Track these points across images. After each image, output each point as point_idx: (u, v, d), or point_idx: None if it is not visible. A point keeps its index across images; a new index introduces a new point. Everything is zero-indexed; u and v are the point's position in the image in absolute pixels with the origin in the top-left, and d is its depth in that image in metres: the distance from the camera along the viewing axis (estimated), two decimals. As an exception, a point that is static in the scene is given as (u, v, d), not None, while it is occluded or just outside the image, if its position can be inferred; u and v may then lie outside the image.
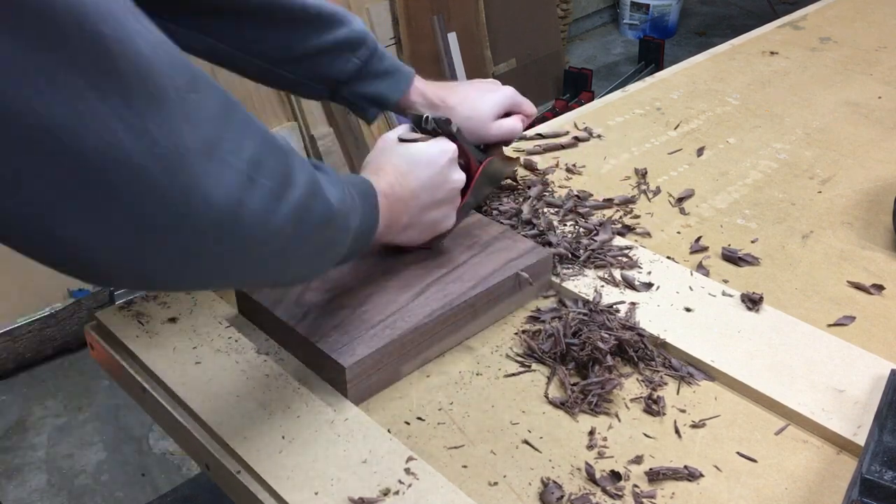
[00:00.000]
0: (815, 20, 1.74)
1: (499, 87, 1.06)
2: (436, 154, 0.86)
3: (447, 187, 0.87)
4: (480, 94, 1.04)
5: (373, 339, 0.82)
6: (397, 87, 1.01)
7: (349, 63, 0.97)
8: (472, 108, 1.02)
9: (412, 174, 0.84)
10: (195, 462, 0.86)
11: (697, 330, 0.90)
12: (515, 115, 1.06)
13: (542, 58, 3.55)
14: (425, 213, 0.87)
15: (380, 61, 0.99)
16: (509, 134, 1.05)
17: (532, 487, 0.74)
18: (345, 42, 0.96)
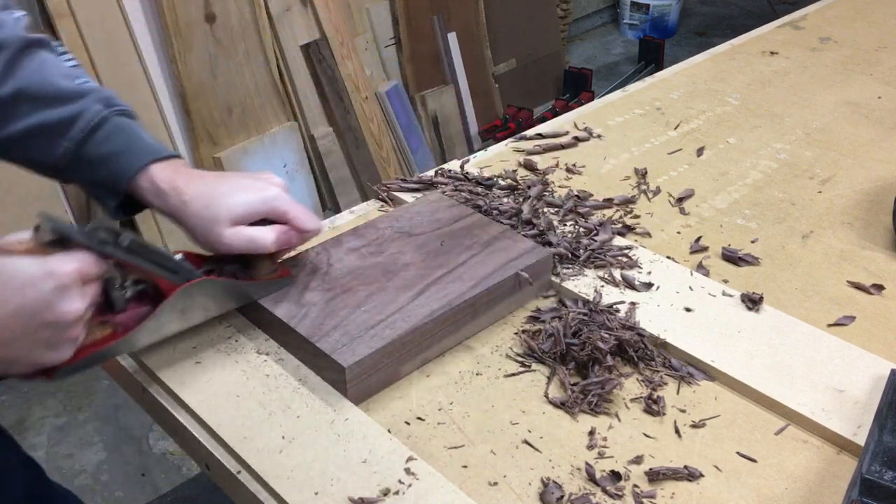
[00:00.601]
0: (815, 20, 1.74)
1: (258, 186, 0.86)
2: (36, 276, 0.68)
3: (48, 319, 0.69)
4: (227, 191, 0.84)
5: (373, 339, 0.82)
6: (120, 172, 0.85)
7: (60, 147, 0.85)
8: (205, 206, 0.83)
9: (4, 295, 0.67)
10: (195, 462, 0.86)
11: (697, 330, 0.90)
12: (275, 225, 0.85)
13: (542, 58, 3.55)
14: (13, 348, 0.69)
15: (102, 144, 0.85)
16: (247, 246, 0.83)
17: (532, 487, 0.74)
18: (44, 127, 0.84)
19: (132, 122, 0.88)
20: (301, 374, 0.84)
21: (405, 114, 2.99)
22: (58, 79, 0.86)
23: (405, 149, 2.97)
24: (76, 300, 0.70)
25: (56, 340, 0.71)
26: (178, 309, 0.82)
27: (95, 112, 0.85)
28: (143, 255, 0.78)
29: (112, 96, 0.88)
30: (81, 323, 0.73)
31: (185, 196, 0.84)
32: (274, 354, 0.87)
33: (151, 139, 0.88)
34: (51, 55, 0.88)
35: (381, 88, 2.91)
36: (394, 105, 2.94)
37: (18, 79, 0.84)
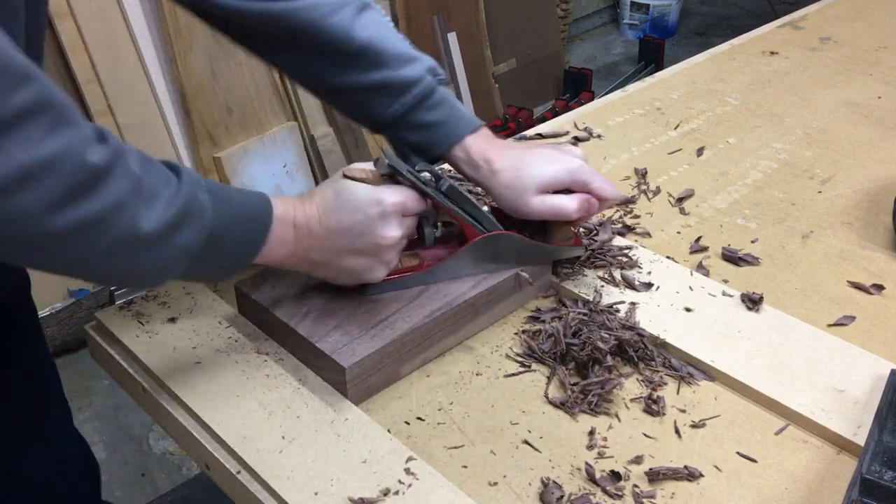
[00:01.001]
0: (815, 20, 1.74)
1: (564, 159, 0.91)
2: (367, 202, 0.80)
3: (370, 239, 0.80)
4: (534, 162, 0.90)
5: (373, 340, 0.82)
6: (438, 142, 0.93)
7: (389, 107, 0.92)
8: (514, 178, 0.89)
9: (334, 214, 0.80)
10: (195, 462, 0.86)
11: (697, 330, 0.90)
12: (578, 193, 0.90)
13: (542, 58, 3.55)
14: (342, 258, 0.82)
15: (427, 111, 0.93)
16: (551, 213, 0.89)
17: (532, 487, 0.74)
18: (383, 85, 0.91)
19: (449, 91, 0.96)
20: (301, 375, 0.84)
21: (405, 114, 2.99)
22: (395, 40, 0.93)
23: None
24: (394, 228, 0.81)
25: (375, 261, 0.82)
26: (474, 255, 0.90)
27: (428, 82, 0.92)
28: (457, 201, 0.87)
29: (435, 65, 0.95)
30: (396, 250, 0.84)
31: (495, 166, 0.91)
32: (274, 354, 0.87)
33: (466, 110, 0.96)
34: (380, 16, 0.95)
35: (381, 88, 2.91)
36: (394, 105, 2.93)
37: (363, 36, 0.91)
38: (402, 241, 0.84)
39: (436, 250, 0.91)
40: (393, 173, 0.82)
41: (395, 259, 0.85)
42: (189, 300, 0.94)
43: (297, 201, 0.80)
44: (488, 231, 0.89)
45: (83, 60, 2.24)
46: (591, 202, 0.90)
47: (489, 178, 0.91)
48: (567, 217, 0.89)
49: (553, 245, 0.93)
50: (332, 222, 0.80)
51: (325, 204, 0.80)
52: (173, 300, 0.94)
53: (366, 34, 0.90)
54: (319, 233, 0.80)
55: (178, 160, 2.43)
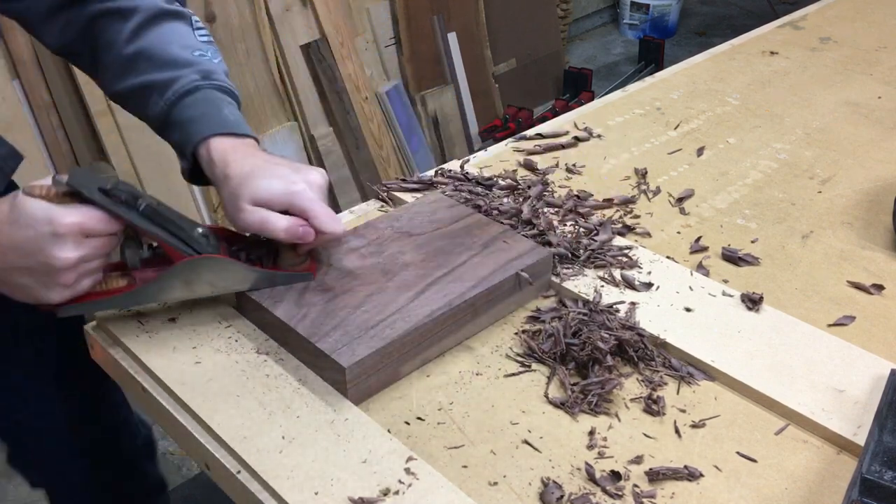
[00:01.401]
0: (815, 20, 1.74)
1: (291, 179, 0.86)
2: (38, 220, 0.75)
3: (40, 258, 0.76)
4: (263, 175, 0.86)
5: (373, 340, 0.82)
6: (186, 139, 0.90)
7: (157, 106, 0.92)
8: (237, 186, 0.85)
9: (6, 228, 0.76)
10: (195, 462, 0.86)
11: (697, 330, 0.90)
12: (292, 216, 0.85)
13: (542, 58, 3.55)
14: (12, 275, 0.79)
15: (187, 108, 0.91)
16: (258, 226, 0.84)
17: (532, 487, 0.74)
18: (151, 84, 0.92)
19: (223, 97, 0.93)
20: (301, 375, 0.84)
21: (405, 114, 2.99)
22: (175, 47, 0.93)
23: (405, 149, 2.97)
24: (69, 249, 0.77)
25: (48, 281, 0.78)
26: (181, 279, 0.85)
27: (191, 80, 0.91)
28: (158, 223, 0.82)
29: (215, 72, 0.94)
30: (75, 272, 0.79)
31: (229, 171, 0.87)
32: (274, 354, 0.87)
33: (233, 116, 0.92)
34: (182, 26, 0.96)
35: (381, 88, 2.91)
36: (394, 105, 2.94)
37: (142, 42, 0.92)
38: (87, 264, 0.80)
39: (149, 272, 0.86)
40: (74, 192, 0.77)
41: (83, 280, 0.81)
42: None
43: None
44: (195, 253, 0.84)
45: (83, 60, 2.24)
46: (305, 229, 0.84)
47: (221, 183, 0.88)
48: (273, 235, 0.84)
49: (277, 269, 0.88)
50: (2, 238, 0.77)
51: (1, 216, 0.77)
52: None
53: (144, 42, 0.93)
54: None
55: (178, 160, 2.43)
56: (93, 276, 0.82)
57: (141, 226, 0.81)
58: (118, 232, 0.81)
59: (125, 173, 2.34)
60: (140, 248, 0.85)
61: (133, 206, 0.80)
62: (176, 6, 0.97)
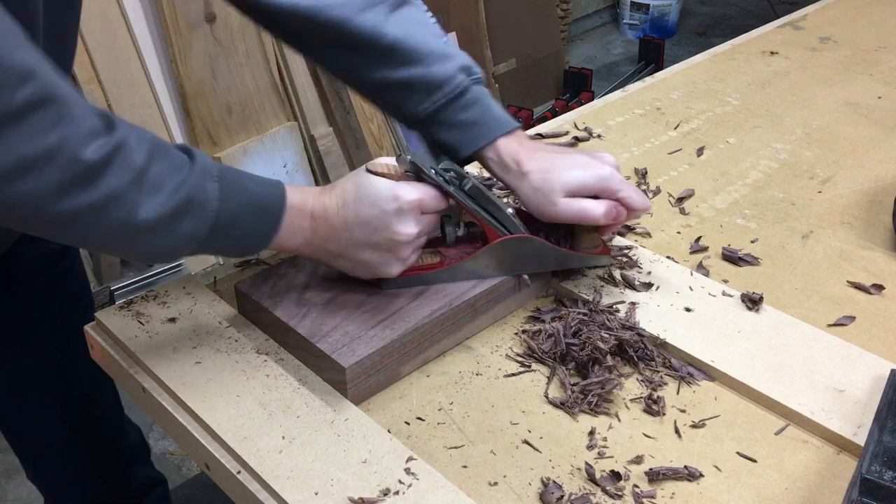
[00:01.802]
0: (815, 20, 1.74)
1: (595, 165, 0.90)
2: (385, 197, 0.80)
3: (385, 234, 0.81)
4: (564, 165, 0.89)
5: (373, 340, 0.82)
6: (469, 142, 0.93)
7: (420, 105, 0.93)
8: (543, 180, 0.89)
9: (353, 206, 0.81)
10: (195, 462, 0.86)
11: (697, 330, 0.90)
12: (606, 200, 0.89)
13: (542, 58, 3.55)
14: (357, 251, 0.82)
15: (460, 111, 0.93)
16: (577, 216, 0.88)
17: (532, 487, 0.74)
18: (414, 82, 0.92)
19: (485, 90, 0.95)
20: (301, 375, 0.84)
21: (405, 114, 2.99)
22: (428, 37, 0.93)
23: (405, 149, 2.97)
24: (410, 225, 0.81)
25: (388, 254, 0.83)
26: (495, 257, 0.90)
27: (460, 81, 0.92)
28: (479, 202, 0.87)
29: (471, 63, 0.95)
30: (412, 247, 0.84)
31: (525, 168, 0.90)
32: (274, 354, 0.87)
33: (500, 111, 0.95)
34: (418, 12, 0.96)
35: (381, 88, 2.91)
36: (394, 105, 2.93)
37: (394, 33, 0.92)
38: (420, 239, 0.84)
39: (458, 249, 0.91)
40: (415, 170, 0.82)
41: (412, 256, 0.85)
42: (189, 300, 0.94)
43: (317, 191, 0.82)
44: (511, 233, 0.89)
45: (83, 60, 2.24)
46: (619, 210, 0.89)
47: (518, 179, 0.91)
48: (593, 222, 0.89)
49: (578, 252, 0.93)
50: (350, 214, 0.81)
51: (344, 196, 0.81)
52: (173, 300, 0.94)
53: (397, 31, 0.91)
54: (337, 224, 0.81)
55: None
56: (419, 251, 0.86)
57: (467, 204, 0.86)
58: (443, 209, 0.85)
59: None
60: (458, 226, 0.90)
61: (459, 186, 0.85)
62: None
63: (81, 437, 1.22)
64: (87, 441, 1.23)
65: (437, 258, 0.90)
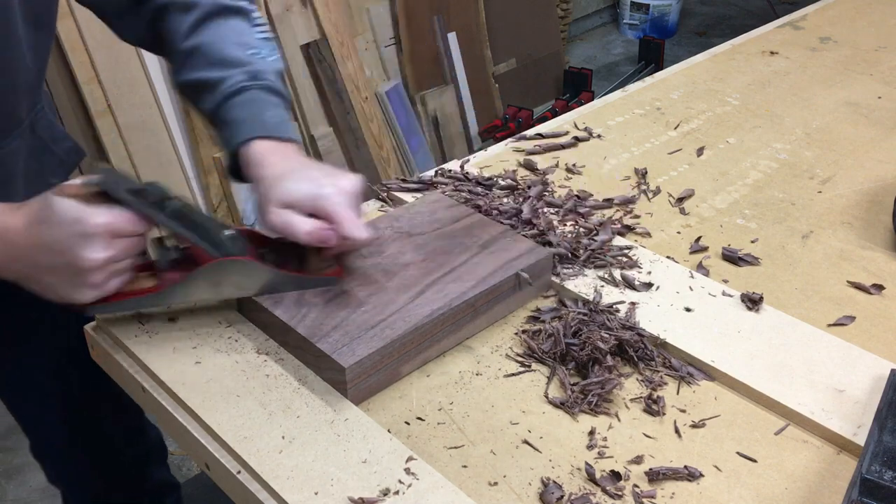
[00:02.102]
0: (815, 20, 1.74)
1: (321, 182, 0.85)
2: (69, 220, 0.75)
3: (68, 258, 0.76)
4: (294, 177, 0.85)
5: (373, 340, 0.82)
6: (229, 140, 0.92)
7: (207, 104, 0.94)
8: (269, 187, 0.86)
9: (37, 227, 0.76)
10: (195, 462, 0.86)
11: (697, 330, 0.90)
12: (315, 219, 0.84)
13: (542, 58, 3.55)
14: (42, 275, 0.79)
15: (231, 109, 0.92)
16: (282, 229, 0.84)
17: (532, 487, 0.74)
18: (204, 82, 0.94)
19: (269, 98, 0.94)
20: (301, 375, 0.84)
21: (405, 114, 2.99)
22: (230, 45, 0.94)
23: (405, 149, 2.97)
24: (97, 250, 0.76)
25: (76, 281, 0.78)
26: (209, 280, 0.85)
27: (237, 81, 0.92)
28: (186, 224, 0.82)
29: (264, 72, 0.95)
30: (103, 272, 0.79)
31: (263, 172, 0.88)
32: (274, 354, 0.87)
33: (275, 118, 0.93)
34: (241, 23, 0.97)
35: (381, 88, 2.91)
36: (394, 105, 2.94)
37: (200, 37, 0.94)
38: (115, 264, 0.79)
39: (179, 273, 0.85)
40: (106, 192, 0.77)
41: (110, 281, 0.80)
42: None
43: (5, 209, 0.78)
44: (224, 255, 0.84)
45: (83, 60, 2.24)
46: (326, 233, 0.83)
47: (257, 182, 0.88)
48: (296, 237, 0.83)
49: (303, 273, 0.88)
50: (32, 236, 0.77)
51: (28, 217, 0.77)
52: (173, 300, 0.94)
53: (202, 38, 0.94)
54: (21, 244, 0.77)
55: (178, 160, 2.43)
56: (121, 276, 0.82)
57: (169, 227, 0.81)
58: (147, 233, 0.81)
59: (125, 173, 2.34)
60: (169, 249, 0.85)
61: (162, 208, 0.81)
62: (237, 2, 0.98)
63: (81, 437, 1.22)
64: (87, 441, 1.23)
65: (151, 282, 0.86)
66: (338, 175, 0.87)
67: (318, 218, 0.84)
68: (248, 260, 0.86)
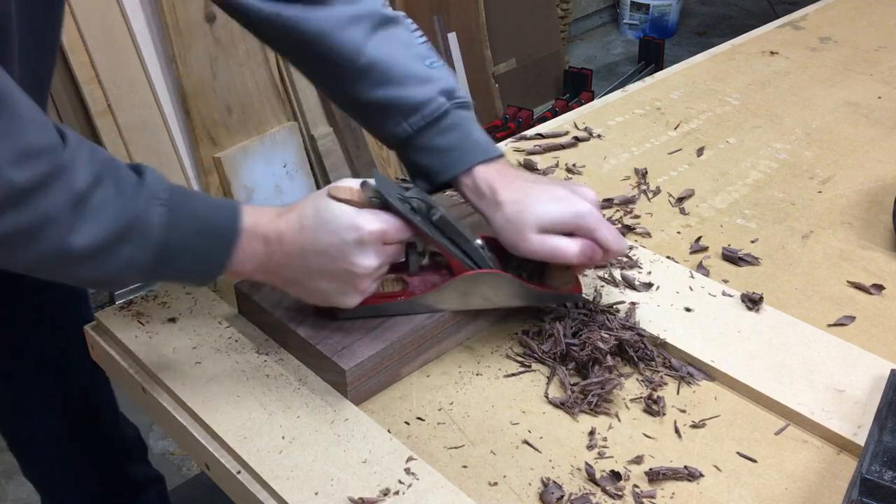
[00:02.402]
0: (815, 20, 1.74)
1: (572, 200, 0.85)
2: (346, 226, 0.76)
3: (343, 265, 0.77)
4: (540, 198, 0.84)
5: (373, 342, 0.82)
6: (445, 167, 0.89)
7: (398, 127, 0.90)
8: (516, 212, 0.84)
9: (311, 233, 0.77)
10: (195, 462, 0.86)
11: (697, 330, 0.90)
12: (581, 238, 0.84)
13: (542, 58, 3.55)
14: (313, 279, 0.79)
15: (437, 135, 0.89)
16: (550, 254, 0.83)
17: (532, 487, 0.74)
18: (390, 104, 0.89)
19: (468, 115, 0.92)
20: (301, 375, 0.84)
21: (405, 114, 2.99)
22: (410, 59, 0.90)
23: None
24: (371, 257, 0.77)
25: (345, 285, 0.79)
26: (459, 291, 0.86)
27: (439, 104, 0.89)
28: (446, 233, 0.83)
29: (454, 87, 0.91)
30: (372, 278, 0.80)
31: (500, 197, 0.85)
32: (274, 355, 0.87)
33: (482, 136, 0.91)
34: (405, 32, 0.93)
35: (381, 88, 2.91)
36: (394, 105, 2.93)
37: (374, 52, 0.89)
38: (380, 270, 0.80)
39: (422, 279, 0.87)
40: (380, 198, 0.78)
41: (372, 287, 0.81)
42: (189, 300, 0.94)
43: (273, 213, 0.78)
44: (476, 267, 0.85)
45: (83, 60, 2.24)
46: (594, 250, 0.84)
47: (492, 209, 0.86)
48: (566, 261, 0.84)
49: (548, 289, 0.88)
50: (307, 241, 0.77)
51: (302, 221, 0.77)
52: (173, 300, 0.94)
53: (376, 51, 0.89)
54: (292, 250, 0.77)
55: (178, 160, 2.43)
56: (380, 280, 0.83)
57: (433, 236, 0.82)
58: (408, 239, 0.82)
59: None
60: (423, 255, 0.85)
61: (426, 216, 0.81)
62: (392, 11, 0.93)
63: (80, 437, 1.22)
64: (87, 441, 1.23)
65: (398, 286, 0.87)
66: (578, 189, 0.87)
67: (576, 236, 0.84)
68: (502, 273, 0.86)
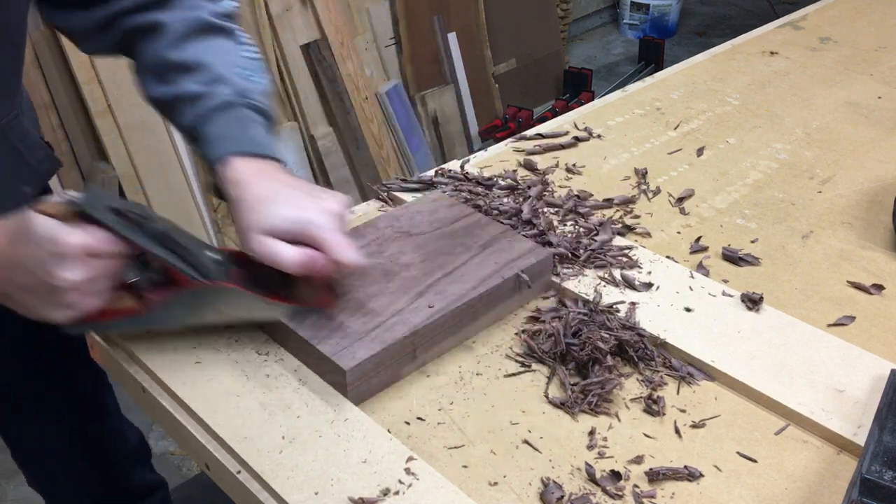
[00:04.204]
0: (815, 20, 1.74)
1: (307, 206, 0.81)
2: (43, 238, 0.73)
3: (41, 278, 0.74)
4: (278, 200, 0.81)
5: (373, 342, 0.82)
6: (210, 155, 0.87)
7: (185, 118, 0.89)
8: (249, 211, 0.81)
9: (11, 245, 0.74)
10: (195, 462, 0.86)
11: (697, 330, 0.90)
12: (304, 248, 0.80)
13: (542, 58, 3.55)
14: (17, 292, 0.77)
15: (213, 124, 0.88)
16: (268, 258, 0.79)
17: (532, 487, 0.74)
18: (183, 95, 0.89)
19: (254, 116, 0.90)
20: (301, 375, 0.84)
21: (405, 114, 2.99)
22: (217, 63, 0.90)
23: (405, 149, 2.97)
24: (73, 270, 0.74)
25: (51, 300, 0.76)
26: (187, 304, 0.82)
27: (225, 96, 0.88)
28: (168, 246, 0.79)
29: (252, 91, 0.90)
30: (78, 293, 0.76)
31: (242, 193, 0.83)
32: (274, 354, 0.87)
33: (259, 136, 0.89)
34: (227, 43, 0.93)
35: (381, 88, 2.91)
36: (394, 105, 2.94)
37: (183, 53, 0.90)
38: (91, 284, 0.77)
39: (161, 294, 0.82)
40: (85, 211, 0.75)
41: (79, 301, 0.77)
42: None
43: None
44: (204, 279, 0.80)
45: (83, 60, 2.24)
46: (317, 261, 0.79)
47: (235, 204, 0.83)
48: (284, 268, 0.79)
49: (292, 302, 0.84)
50: (8, 254, 0.75)
51: (6, 233, 0.75)
52: (173, 300, 0.94)
53: (184, 55, 0.90)
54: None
55: (178, 160, 2.43)
56: (100, 295, 0.79)
57: (148, 248, 0.78)
58: (126, 253, 0.78)
59: (125, 173, 2.35)
60: (151, 270, 0.82)
61: (143, 228, 0.78)
62: (223, 21, 0.94)
63: (81, 439, 1.21)
64: (87, 444, 1.22)
65: (131, 302, 0.82)
66: (322, 196, 0.83)
67: (304, 244, 0.80)
68: (229, 286, 0.81)
